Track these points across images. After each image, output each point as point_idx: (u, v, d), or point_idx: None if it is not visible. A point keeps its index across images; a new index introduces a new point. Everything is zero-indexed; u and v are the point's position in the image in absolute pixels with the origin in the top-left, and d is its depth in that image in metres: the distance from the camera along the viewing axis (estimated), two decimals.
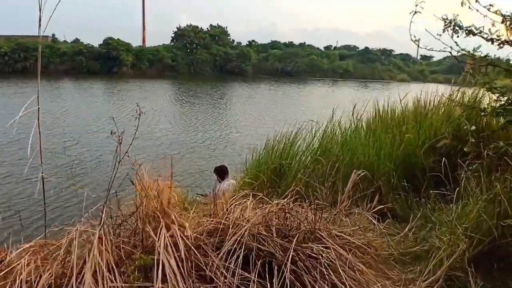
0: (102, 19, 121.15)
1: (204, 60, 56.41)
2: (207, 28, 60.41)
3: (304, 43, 69.40)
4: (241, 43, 64.81)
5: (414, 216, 3.72)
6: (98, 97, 29.99)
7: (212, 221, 3.03)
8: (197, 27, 58.49)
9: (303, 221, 2.99)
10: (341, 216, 3.54)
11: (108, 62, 49.84)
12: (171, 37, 58.73)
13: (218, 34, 59.89)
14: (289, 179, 4.53)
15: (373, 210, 3.58)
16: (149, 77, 47.91)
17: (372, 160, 4.49)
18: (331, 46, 73.94)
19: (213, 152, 14.44)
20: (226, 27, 62.69)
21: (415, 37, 3.79)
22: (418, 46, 3.76)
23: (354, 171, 3.68)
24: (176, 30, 58.28)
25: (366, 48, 68.62)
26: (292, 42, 69.09)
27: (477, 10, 3.40)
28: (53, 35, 54.35)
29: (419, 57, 72.14)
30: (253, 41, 66.57)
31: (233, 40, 63.99)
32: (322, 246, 2.56)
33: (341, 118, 5.46)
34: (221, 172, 6.51)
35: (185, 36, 56.69)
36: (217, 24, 61.88)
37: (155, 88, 37.31)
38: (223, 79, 50.46)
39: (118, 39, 51.25)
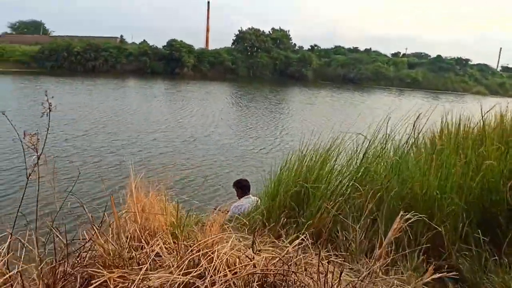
0: (168, 21, 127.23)
1: (264, 64, 56.02)
2: (269, 32, 60.03)
3: (370, 49, 66.38)
4: (302, 47, 63.57)
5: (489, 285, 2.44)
6: (159, 96, 30.57)
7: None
8: (258, 30, 58.36)
9: None
10: (376, 276, 2.35)
11: (171, 63, 51.38)
12: (233, 40, 59.26)
13: (279, 37, 59.24)
14: (313, 209, 3.38)
15: (430, 276, 2.33)
16: (209, 79, 48.54)
17: (433, 194, 3.19)
18: (399, 53, 69.83)
19: (265, 159, 13.39)
20: (288, 31, 61.93)
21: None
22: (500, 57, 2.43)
23: (401, 213, 2.46)
24: (238, 33, 58.59)
25: (439, 56, 63.48)
26: (357, 47, 66.45)
27: None
28: (121, 36, 57.44)
29: (499, 68, 65.53)
30: (315, 45, 65.07)
31: (295, 44, 63.04)
32: None
33: (397, 131, 4.10)
34: (241, 187, 5.51)
35: (246, 39, 56.77)
36: (279, 28, 61.29)
37: (214, 90, 37.42)
38: (283, 83, 49.53)
39: (181, 41, 52.71)
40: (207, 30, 66.54)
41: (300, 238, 2.98)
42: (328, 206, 3.26)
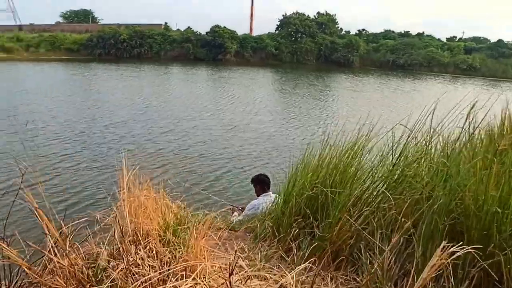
0: (213, 8, 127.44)
1: (308, 49, 54.48)
2: (314, 16, 58.08)
3: (423, 33, 62.18)
4: (349, 32, 60.93)
5: None
6: (201, 83, 30.56)
7: None
8: (303, 14, 56.66)
9: None
10: None
11: (214, 49, 51.37)
12: (276, 25, 58.05)
13: (325, 22, 57.15)
14: (332, 220, 2.74)
15: None
16: (252, 65, 48.02)
17: (491, 209, 2.42)
18: (455, 37, 64.88)
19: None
20: (335, 15, 59.52)
21: None
22: None
23: (443, 244, 1.77)
24: (282, 17, 57.24)
25: (500, 41, 57.91)
26: (408, 31, 62.50)
27: None
28: (166, 23, 58.19)
29: None
30: (363, 29, 62.33)
31: (341, 29, 60.54)
32: None
33: (447, 125, 3.25)
34: (260, 183, 4.92)
35: (291, 24, 55.34)
36: (325, 12, 59.07)
37: (257, 76, 36.86)
38: (327, 69, 47.85)
39: (224, 27, 52.40)
40: (251, 17, 65.77)
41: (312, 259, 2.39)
42: (350, 218, 2.61)
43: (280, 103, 21.49)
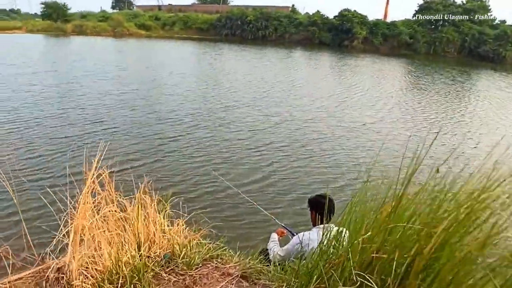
0: None
1: (449, 40, 47.48)
2: (462, 2, 50.20)
3: None
4: (505, 22, 51.27)
5: None
6: (324, 69, 28.38)
7: None
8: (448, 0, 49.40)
9: None
10: None
11: (340, 35, 48.27)
12: (414, 11, 51.81)
13: (474, 8, 48.89)
14: None
15: None
16: (380, 54, 43.79)
17: None
18: None
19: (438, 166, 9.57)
20: (488, 1, 50.50)
21: None
22: None
23: None
24: (422, 2, 50.77)
25: None
26: None
27: None
28: (293, 5, 56.71)
29: None
30: None
31: (495, 18, 51.22)
32: None
33: None
34: (318, 208, 3.25)
35: (432, 10, 48.73)
36: None
37: (387, 67, 33.00)
38: (471, 64, 40.81)
39: (354, 11, 48.69)
40: (387, 1, 60.17)
41: None
42: None
43: (416, 102, 17.87)
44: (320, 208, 3.19)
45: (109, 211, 2.76)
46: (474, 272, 1.39)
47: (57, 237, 2.38)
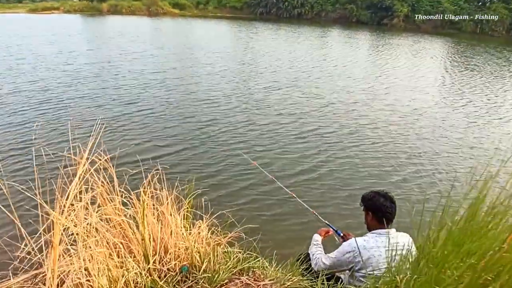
0: None
1: (499, 18, 44.00)
2: None
3: None
4: None
5: None
6: (366, 49, 26.92)
7: None
8: None
9: None
10: None
11: (379, 12, 45.90)
12: None
13: None
14: None
15: None
16: (422, 32, 41.31)
17: None
18: None
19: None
20: None
21: None
22: None
23: None
24: None
25: None
26: None
27: None
28: None
29: None
30: None
31: None
32: None
33: None
34: (376, 209, 2.64)
35: None
36: None
37: (433, 47, 30.85)
38: None
39: None
40: None
41: None
42: None
43: (471, 84, 16.36)
44: (378, 209, 2.62)
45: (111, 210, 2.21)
46: None
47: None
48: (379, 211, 2.62)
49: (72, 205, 1.87)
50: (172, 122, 9.21)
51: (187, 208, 2.67)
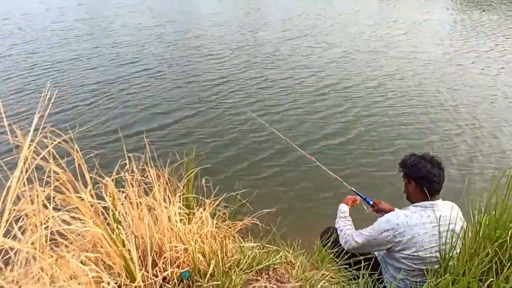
0: None
1: None
2: None
3: None
4: None
5: None
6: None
7: None
8: None
9: None
10: None
11: None
12: None
13: None
14: None
15: None
16: None
17: None
18: None
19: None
20: None
21: None
22: None
23: None
24: None
25: None
26: None
27: None
28: None
29: None
30: None
31: None
32: None
33: None
34: (420, 178, 2.14)
35: None
36: None
37: None
38: None
39: None
40: None
41: None
42: None
43: (487, 26, 14.52)
44: (424, 178, 2.13)
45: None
46: None
47: None
48: (425, 180, 2.13)
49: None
50: (173, 83, 8.27)
51: (185, 192, 2.12)
